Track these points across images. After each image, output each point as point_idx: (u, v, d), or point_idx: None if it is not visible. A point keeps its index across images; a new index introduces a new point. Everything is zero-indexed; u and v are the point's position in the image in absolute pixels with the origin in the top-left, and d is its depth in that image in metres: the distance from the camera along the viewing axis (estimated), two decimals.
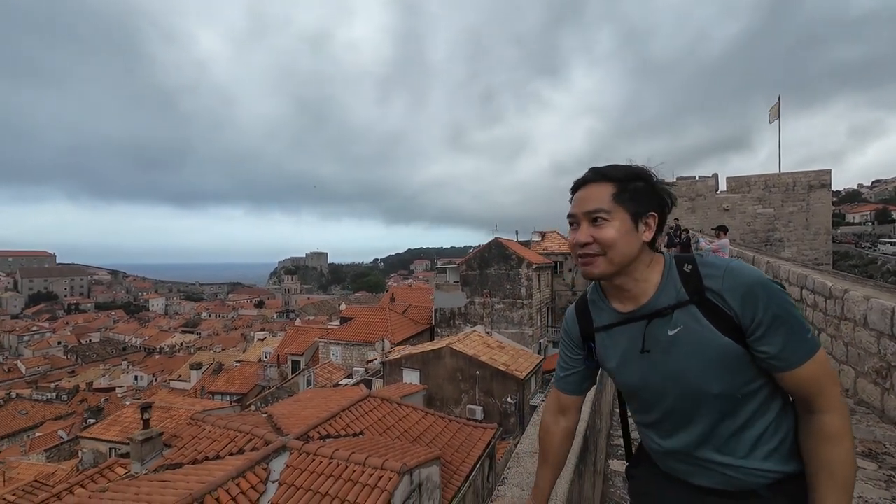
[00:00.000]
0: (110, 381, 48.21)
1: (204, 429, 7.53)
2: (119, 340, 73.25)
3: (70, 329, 78.81)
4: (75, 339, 71.43)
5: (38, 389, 46.43)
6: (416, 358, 16.81)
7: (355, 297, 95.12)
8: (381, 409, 9.13)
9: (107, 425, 18.99)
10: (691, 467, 1.09)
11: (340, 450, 6.30)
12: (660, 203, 1.09)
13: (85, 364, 59.60)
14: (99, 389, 44.78)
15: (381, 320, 24.78)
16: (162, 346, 66.89)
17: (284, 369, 26.03)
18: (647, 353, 1.06)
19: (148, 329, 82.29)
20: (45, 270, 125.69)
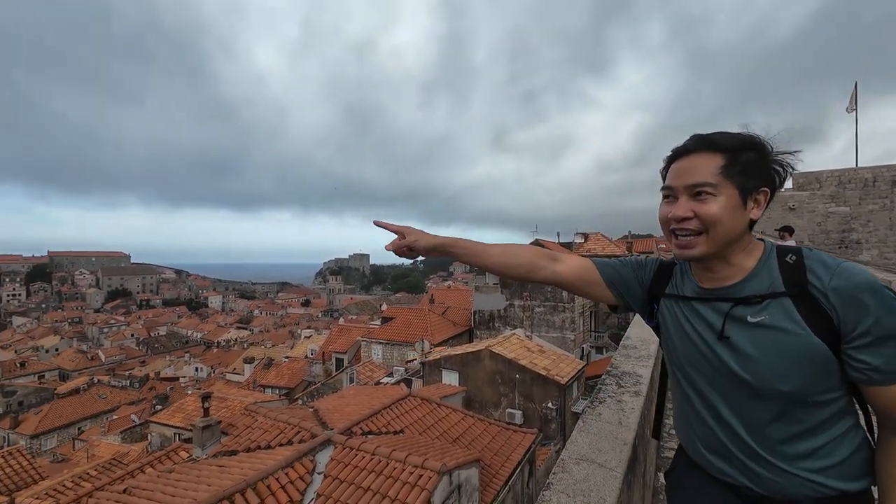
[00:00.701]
0: (175, 371, 52.49)
1: (256, 419, 8.00)
2: (182, 334, 79.61)
3: (141, 323, 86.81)
4: (146, 332, 78.55)
5: (115, 377, 51.51)
6: (456, 359, 16.87)
7: (395, 297, 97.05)
8: (421, 409, 9.25)
9: (172, 412, 20.65)
10: (736, 468, 1.01)
11: (382, 446, 6.46)
12: (773, 178, 0.97)
13: (153, 355, 65.33)
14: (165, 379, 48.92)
15: (420, 321, 25.10)
16: (219, 341, 71.89)
17: (329, 366, 27.07)
18: (727, 339, 0.97)
19: (207, 324, 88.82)
20: (122, 269, 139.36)
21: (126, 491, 5.83)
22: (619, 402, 2.03)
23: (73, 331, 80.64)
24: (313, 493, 5.93)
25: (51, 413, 34.72)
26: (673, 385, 1.17)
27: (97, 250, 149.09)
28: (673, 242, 1.02)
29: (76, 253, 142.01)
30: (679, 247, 1.00)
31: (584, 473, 1.39)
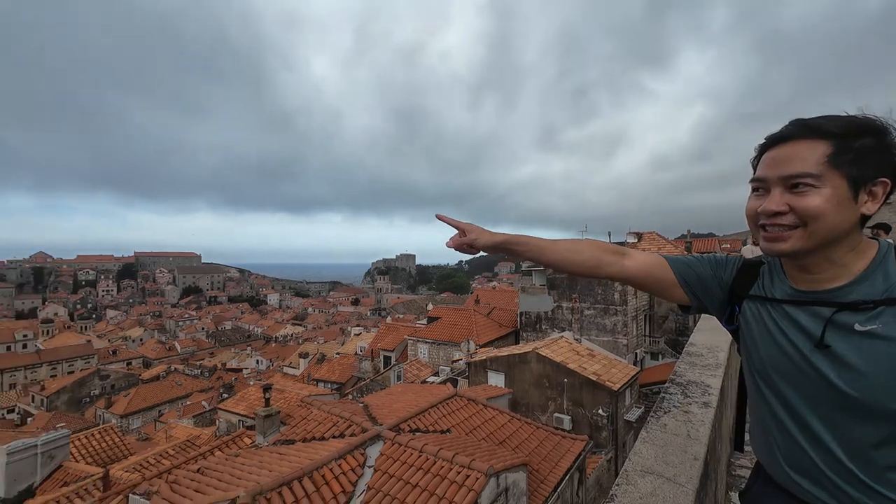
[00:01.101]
0: (238, 363, 56.71)
1: (311, 412, 8.42)
2: (245, 329, 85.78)
3: (210, 317, 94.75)
4: (214, 326, 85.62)
5: (189, 366, 56.60)
6: (502, 361, 16.69)
7: (441, 297, 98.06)
8: (467, 409, 9.25)
9: (236, 400, 22.30)
10: (828, 492, 0.88)
11: (429, 444, 6.53)
12: (894, 167, 0.84)
13: (220, 347, 71.01)
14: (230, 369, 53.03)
15: (466, 321, 25.12)
16: (277, 336, 76.67)
17: (377, 363, 27.90)
18: (826, 348, 0.86)
19: (266, 320, 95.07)
20: (194, 268, 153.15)
21: (199, 471, 6.38)
22: (686, 412, 1.89)
23: (155, 323, 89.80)
24: (364, 486, 6.13)
25: (136, 396, 38.92)
26: (753, 396, 1.04)
27: (173, 251, 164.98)
28: (761, 236, 0.92)
29: (156, 253, 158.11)
30: (768, 240, 0.90)
31: (650, 487, 1.30)
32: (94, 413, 38.34)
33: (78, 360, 57.37)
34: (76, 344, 62.81)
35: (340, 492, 5.78)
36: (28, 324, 74.29)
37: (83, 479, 10.53)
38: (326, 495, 5.66)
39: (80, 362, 57.13)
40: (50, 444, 10.38)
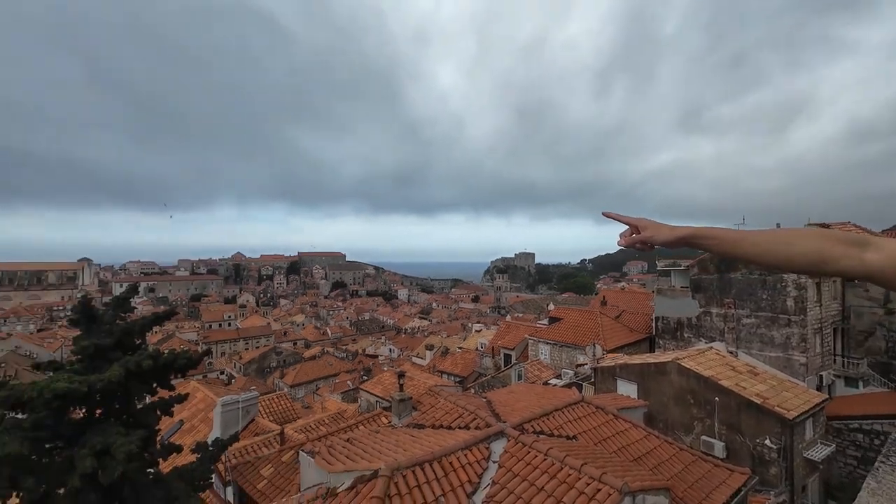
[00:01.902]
0: (375, 349, 63.85)
1: (439, 401, 9.00)
2: (380, 320, 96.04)
3: (353, 308, 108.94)
4: (355, 316, 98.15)
5: (337, 349, 66.02)
6: (634, 369, 15.16)
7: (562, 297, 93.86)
8: (595, 418, 8.68)
9: (374, 383, 25.17)
10: None
11: (555, 449, 6.34)
12: None
13: (361, 335, 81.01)
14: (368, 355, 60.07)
15: (591, 324, 23.55)
16: (406, 328, 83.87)
17: (498, 360, 28.19)
18: None
19: (397, 313, 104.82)
20: (340, 265, 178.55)
21: (349, 440, 7.43)
22: None
23: (312, 311, 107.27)
24: (489, 479, 6.29)
25: (301, 371, 47.18)
26: None
27: (325, 251, 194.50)
28: None
29: (313, 253, 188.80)
30: None
31: None
32: (272, 381, 47.80)
33: (262, 337, 72.53)
34: (260, 325, 79.55)
35: (467, 481, 6.05)
36: (231, 308, 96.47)
37: (267, 433, 13.29)
38: (454, 482, 5.99)
39: (263, 340, 72.03)
40: (247, 402, 13.34)
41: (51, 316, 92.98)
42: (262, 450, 11.88)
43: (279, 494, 9.53)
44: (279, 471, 10.42)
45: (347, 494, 5.60)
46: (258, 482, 10.14)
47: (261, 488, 9.93)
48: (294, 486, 9.47)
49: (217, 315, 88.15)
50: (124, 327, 8.55)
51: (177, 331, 68.59)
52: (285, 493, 9.46)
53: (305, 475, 7.52)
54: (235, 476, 10.15)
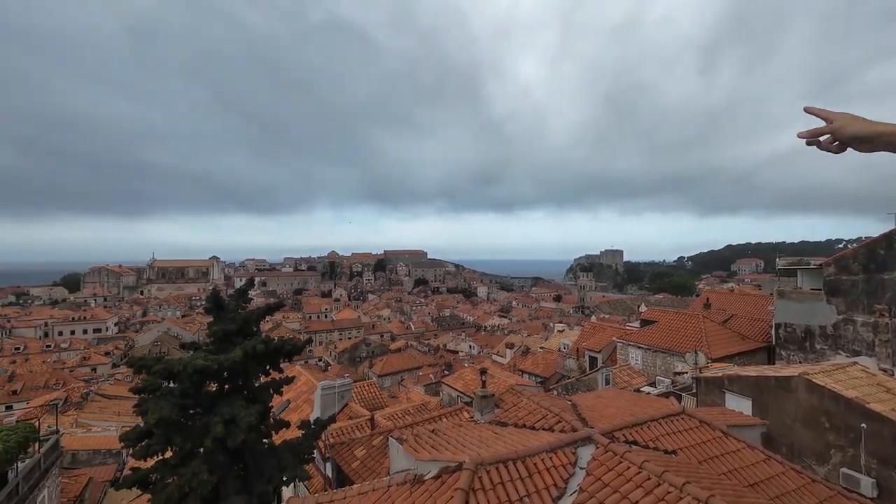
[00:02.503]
0: (455, 345, 65.17)
1: (521, 400, 8.86)
2: (460, 317, 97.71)
3: (434, 305, 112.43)
4: (437, 312, 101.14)
5: (420, 343, 68.73)
6: (748, 382, 13.24)
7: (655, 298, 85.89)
8: (699, 433, 7.78)
9: (455, 378, 25.69)
10: None
11: (651, 462, 5.83)
12: None
13: (442, 330, 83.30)
14: (449, 350, 61.48)
15: (692, 328, 21.19)
16: (485, 325, 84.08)
17: (582, 363, 26.84)
18: None
19: (476, 310, 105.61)
20: (421, 263, 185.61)
21: (434, 431, 7.69)
22: None
23: (397, 307, 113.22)
24: (576, 486, 6.02)
25: (387, 362, 50.13)
26: None
27: (407, 249, 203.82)
28: None
29: (397, 251, 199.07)
30: None
31: None
32: (362, 370, 51.56)
33: (353, 329, 78.70)
34: (352, 318, 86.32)
35: (552, 484, 5.87)
36: (327, 301, 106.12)
37: (359, 417, 14.39)
38: (538, 483, 5.85)
39: (354, 331, 78.06)
40: (342, 387, 14.58)
41: (190, 304, 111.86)
42: (354, 432, 12.91)
43: (371, 475, 10.26)
44: (370, 453, 11.22)
45: (433, 483, 5.81)
46: (352, 462, 11.04)
47: (355, 467, 10.79)
48: (384, 469, 10.13)
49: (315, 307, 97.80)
50: (244, 316, 9.94)
51: (283, 321, 77.67)
52: (376, 474, 10.15)
53: (394, 460, 7.98)
54: (333, 454, 11.17)
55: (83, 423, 25.79)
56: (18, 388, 41.95)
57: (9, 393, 40.94)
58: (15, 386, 42.26)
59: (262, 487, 8.75)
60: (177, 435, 8.50)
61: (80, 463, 20.01)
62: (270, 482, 8.87)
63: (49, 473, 12.37)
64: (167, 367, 8.45)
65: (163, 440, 8.45)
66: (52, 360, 56.13)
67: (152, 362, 8.57)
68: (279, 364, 10.11)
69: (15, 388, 41.87)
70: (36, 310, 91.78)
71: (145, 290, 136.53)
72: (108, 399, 32.90)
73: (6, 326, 76.19)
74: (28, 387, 42.13)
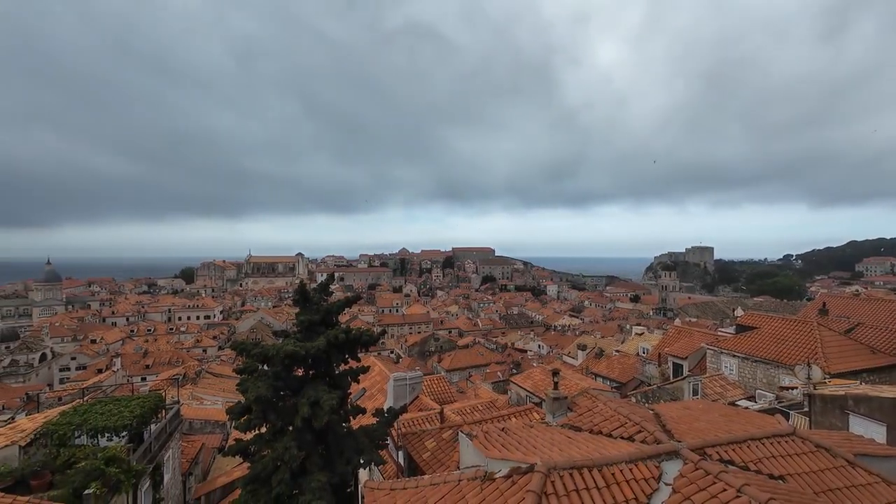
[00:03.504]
0: (523, 344, 63.94)
1: (597, 404, 8.39)
2: (528, 315, 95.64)
3: (502, 302, 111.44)
4: (504, 310, 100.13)
5: (488, 340, 68.52)
6: (883, 404, 11.11)
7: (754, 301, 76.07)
8: (815, 459, 6.70)
9: (524, 377, 25.21)
10: None
11: (753, 487, 5.15)
12: None
13: (510, 328, 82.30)
14: (517, 349, 60.48)
15: (804, 337, 18.39)
16: (555, 325, 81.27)
17: (665, 369, 24.71)
18: None
19: (546, 309, 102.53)
20: (489, 260, 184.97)
21: (504, 430, 7.61)
22: None
23: (464, 303, 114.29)
24: (660, 502, 5.54)
25: (456, 358, 50.87)
26: None
27: (475, 246, 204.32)
28: None
29: (464, 248, 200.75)
30: None
31: None
32: (431, 364, 52.94)
33: (422, 324, 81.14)
34: (421, 313, 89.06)
35: (633, 498, 5.47)
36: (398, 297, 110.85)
37: (429, 410, 14.78)
38: (617, 496, 5.49)
39: (423, 326, 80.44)
40: (413, 380, 15.09)
41: (280, 296, 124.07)
42: (425, 424, 13.29)
43: (440, 467, 10.49)
44: (440, 445, 11.47)
45: (504, 482, 5.74)
46: (423, 452, 11.38)
47: (425, 458, 11.11)
48: (453, 462, 10.28)
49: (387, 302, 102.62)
50: (327, 307, 10.73)
51: (359, 313, 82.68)
52: (445, 466, 10.35)
53: (464, 455, 8.05)
54: (405, 443, 11.62)
55: (197, 396, 30.03)
56: (150, 363, 50.61)
57: (143, 367, 49.57)
58: (147, 361, 51.08)
59: (342, 467, 9.42)
60: (271, 412, 9.50)
61: (195, 430, 23.33)
62: (349, 463, 9.51)
63: (173, 437, 14.60)
64: (263, 352, 9.47)
65: (260, 416, 9.50)
66: (174, 341, 66.41)
67: (251, 347, 9.65)
68: (357, 353, 10.78)
69: (147, 363, 50.64)
70: (162, 298, 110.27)
71: (243, 283, 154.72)
72: (216, 377, 37.95)
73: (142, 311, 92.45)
74: (157, 363, 50.68)
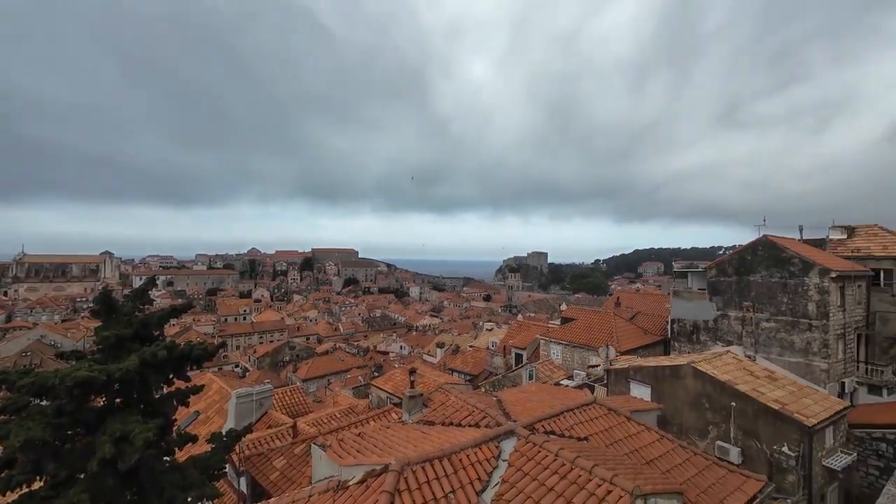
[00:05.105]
0: (386, 346, 64.25)
1: (449, 398, 9.01)
2: (391, 317, 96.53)
3: (365, 305, 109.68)
4: (367, 313, 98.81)
5: (349, 345, 66.54)
6: (648, 372, 14.92)
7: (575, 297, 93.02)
8: (607, 420, 8.58)
9: (385, 379, 25.31)
10: None
11: (565, 450, 6.29)
12: None
13: (372, 331, 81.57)
14: (379, 351, 60.44)
15: (605, 325, 23.29)
16: (417, 325, 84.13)
17: (509, 360, 28.09)
18: None
19: (408, 311, 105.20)
20: (352, 262, 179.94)
21: (360, 434, 7.50)
22: None
23: (325, 307, 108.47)
24: (498, 478, 6.27)
25: (313, 366, 47.76)
26: None
27: (338, 247, 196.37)
28: None
29: (326, 249, 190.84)
30: None
31: None
32: (285, 375, 48.58)
33: (276, 332, 73.68)
34: (275, 320, 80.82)
35: (476, 479, 6.05)
36: (246, 302, 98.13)
37: (280, 425, 13.51)
38: (463, 479, 5.99)
39: (277, 334, 73.14)
40: (261, 394, 13.58)
41: (74, 307, 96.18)
42: (274, 442, 12.09)
43: (291, 486, 9.68)
44: (291, 463, 10.59)
45: (357, 488, 5.65)
46: (271, 473, 10.32)
47: (273, 479, 10.10)
48: (305, 479, 9.61)
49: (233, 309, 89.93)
50: (142, 319, 8.79)
51: (193, 324, 70.18)
52: (297, 484, 9.61)
53: (317, 468, 7.62)
54: (248, 467, 10.35)
55: None
56: None
57: None
58: None
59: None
60: (49, 461, 7.22)
61: None
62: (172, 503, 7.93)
63: None
64: (37, 382, 7.14)
65: (30, 468, 7.13)
66: None
67: (16, 376, 7.18)
68: (186, 372, 9.10)
69: None
70: None
71: (11, 290, 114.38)
72: None
73: None
74: None
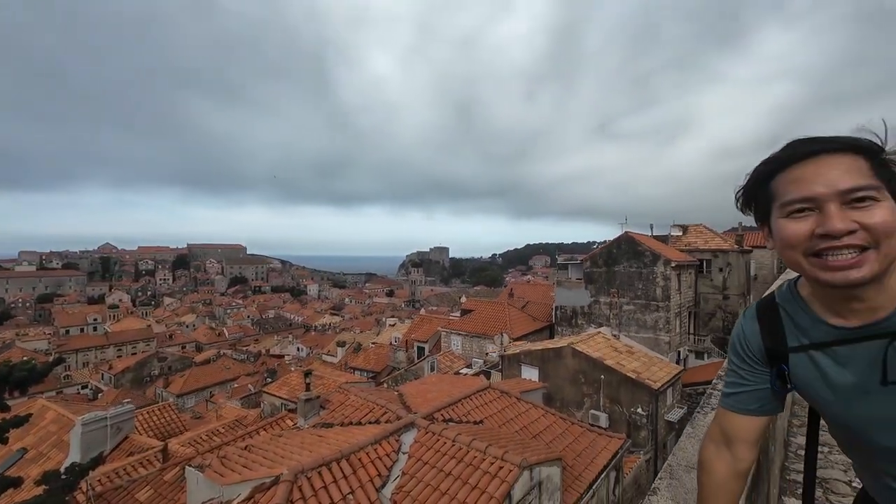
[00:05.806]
0: (281, 349, 59.49)
1: (349, 398, 8.72)
2: (287, 318, 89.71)
3: (255, 306, 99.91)
4: (258, 314, 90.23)
5: (236, 351, 60.00)
6: (536, 355, 16.49)
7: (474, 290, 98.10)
8: (500, 402, 9.24)
9: (279, 385, 23.47)
10: None
11: (462, 434, 6.59)
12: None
13: (264, 334, 74.75)
14: (273, 355, 55.71)
15: (500, 314, 25.00)
16: (316, 325, 79.66)
17: (411, 354, 28.39)
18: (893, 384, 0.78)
19: (306, 310, 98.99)
20: (240, 259, 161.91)
21: (247, 448, 6.80)
22: None
23: (205, 310, 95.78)
24: (398, 471, 6.29)
25: (190, 378, 41.83)
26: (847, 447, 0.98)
27: (221, 243, 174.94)
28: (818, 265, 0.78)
29: (206, 245, 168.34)
30: (836, 268, 0.76)
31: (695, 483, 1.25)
32: (154, 391, 41.67)
33: (140, 342, 62.49)
34: (138, 328, 68.40)
35: (376, 475, 5.97)
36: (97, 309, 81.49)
37: (146, 450, 11.52)
38: (363, 478, 5.86)
39: (142, 345, 62.16)
40: (118, 417, 11.40)
41: None
42: (138, 471, 10.26)
43: None
44: (161, 492, 9.11)
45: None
46: None
47: None
48: None
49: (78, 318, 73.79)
50: None
51: (17, 339, 55.83)
52: None
53: (193, 493, 6.69)
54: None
55: None
56: None
57: None
58: None
59: None
60: None
61: None
62: None
63: None
64: None
65: None
66: None
67: None
68: (3, 400, 7.16)
69: None
70: None
71: None
72: None
73: None
74: None
